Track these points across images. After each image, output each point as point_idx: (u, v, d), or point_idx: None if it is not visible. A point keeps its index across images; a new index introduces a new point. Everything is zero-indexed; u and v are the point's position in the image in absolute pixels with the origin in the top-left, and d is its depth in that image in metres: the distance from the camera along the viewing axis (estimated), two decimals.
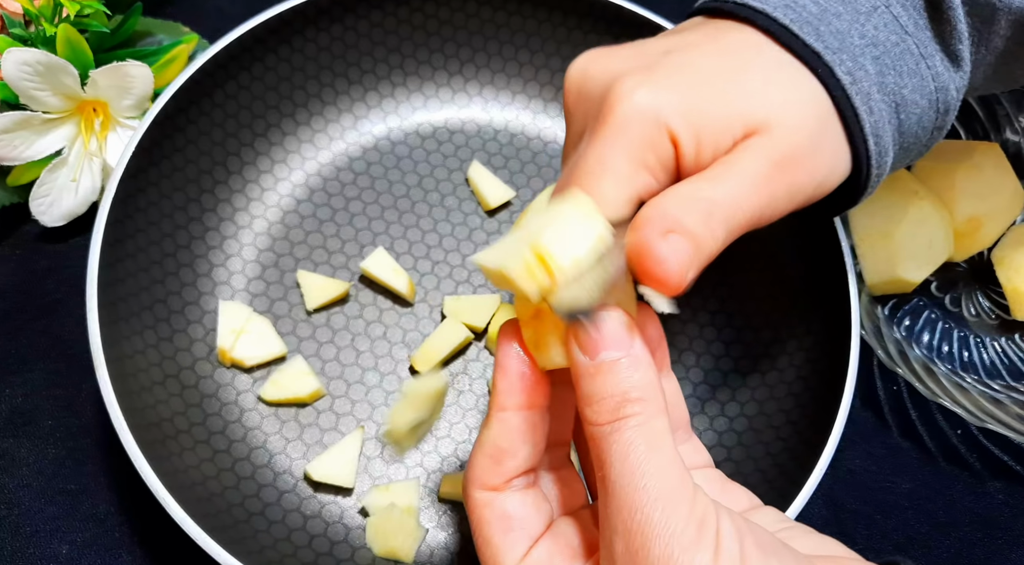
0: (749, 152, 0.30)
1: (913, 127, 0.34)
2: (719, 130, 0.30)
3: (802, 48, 0.32)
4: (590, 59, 0.33)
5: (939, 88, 0.34)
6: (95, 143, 0.48)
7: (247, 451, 0.43)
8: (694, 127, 0.29)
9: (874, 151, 0.32)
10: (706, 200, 0.28)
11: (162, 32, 0.53)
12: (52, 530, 0.43)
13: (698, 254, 0.27)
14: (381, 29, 0.50)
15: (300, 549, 0.41)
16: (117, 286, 0.42)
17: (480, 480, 0.29)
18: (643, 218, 0.28)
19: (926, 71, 0.33)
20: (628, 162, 0.29)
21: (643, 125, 0.29)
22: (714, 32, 0.33)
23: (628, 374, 0.27)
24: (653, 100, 0.29)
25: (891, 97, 0.33)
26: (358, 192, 0.50)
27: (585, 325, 0.27)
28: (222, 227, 0.48)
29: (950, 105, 0.35)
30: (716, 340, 0.48)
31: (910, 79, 0.33)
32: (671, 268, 0.26)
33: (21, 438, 0.45)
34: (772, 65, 0.32)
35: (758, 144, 0.30)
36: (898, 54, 0.33)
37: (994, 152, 0.50)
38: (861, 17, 0.33)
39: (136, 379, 0.40)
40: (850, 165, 0.33)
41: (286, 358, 0.46)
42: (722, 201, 0.28)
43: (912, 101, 0.33)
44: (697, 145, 0.30)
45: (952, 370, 0.49)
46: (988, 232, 0.50)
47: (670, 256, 0.26)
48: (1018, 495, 0.47)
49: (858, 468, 0.47)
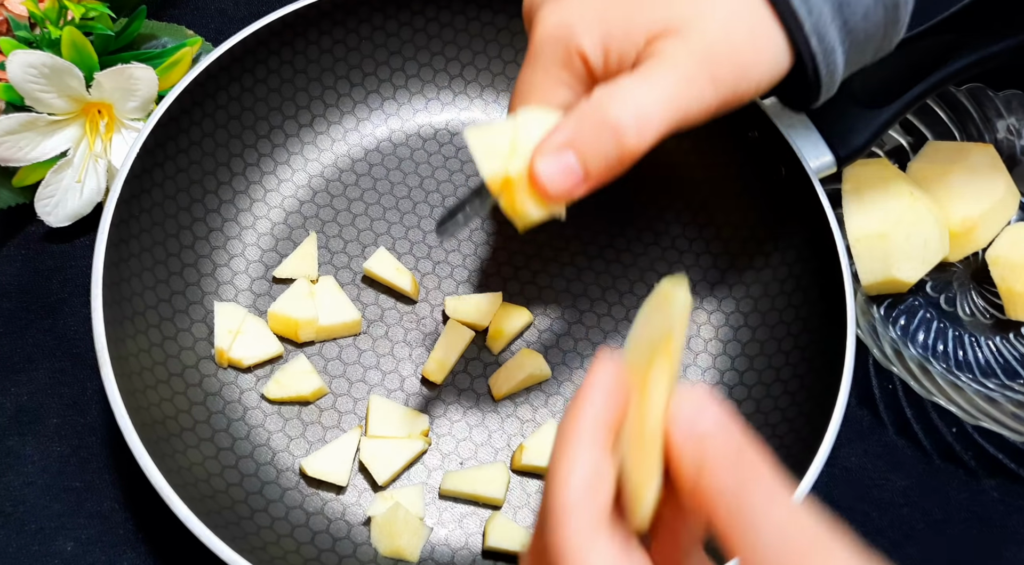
0: (664, 54, 0.32)
1: (861, 24, 0.35)
2: (624, 38, 0.33)
3: None
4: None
5: None
6: (100, 145, 0.49)
7: (250, 449, 0.44)
8: (600, 38, 0.33)
9: (818, 49, 0.34)
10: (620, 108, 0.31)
11: (166, 35, 0.53)
12: (57, 527, 0.43)
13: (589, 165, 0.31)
14: (383, 32, 0.51)
15: (303, 545, 0.41)
16: (121, 286, 0.42)
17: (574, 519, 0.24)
18: (541, 141, 0.32)
19: None
20: (546, 82, 0.34)
21: (554, 48, 0.34)
22: None
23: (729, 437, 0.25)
24: (561, 23, 0.34)
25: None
26: (360, 193, 0.51)
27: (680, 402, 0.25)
28: (225, 228, 0.48)
29: (898, 1, 0.35)
30: (713, 338, 0.48)
31: None
32: (550, 184, 0.31)
33: (26, 436, 0.45)
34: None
35: (670, 45, 0.32)
36: None
37: (988, 153, 0.51)
38: None
39: (140, 377, 0.41)
40: (789, 61, 0.35)
41: (283, 357, 0.46)
42: (637, 104, 0.31)
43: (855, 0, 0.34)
44: (604, 54, 0.33)
45: (947, 369, 0.49)
46: (983, 232, 0.50)
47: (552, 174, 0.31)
48: (1013, 492, 0.47)
49: (854, 466, 0.47)
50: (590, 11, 0.34)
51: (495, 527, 0.42)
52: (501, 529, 0.42)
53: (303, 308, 0.45)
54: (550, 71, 0.34)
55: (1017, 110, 0.53)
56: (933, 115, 0.53)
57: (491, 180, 0.32)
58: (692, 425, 0.24)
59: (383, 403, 0.45)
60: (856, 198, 0.49)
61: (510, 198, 0.32)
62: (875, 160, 0.51)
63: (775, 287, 0.47)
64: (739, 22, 0.33)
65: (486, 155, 0.32)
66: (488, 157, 0.32)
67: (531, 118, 0.33)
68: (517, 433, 0.45)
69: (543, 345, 0.47)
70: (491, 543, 0.42)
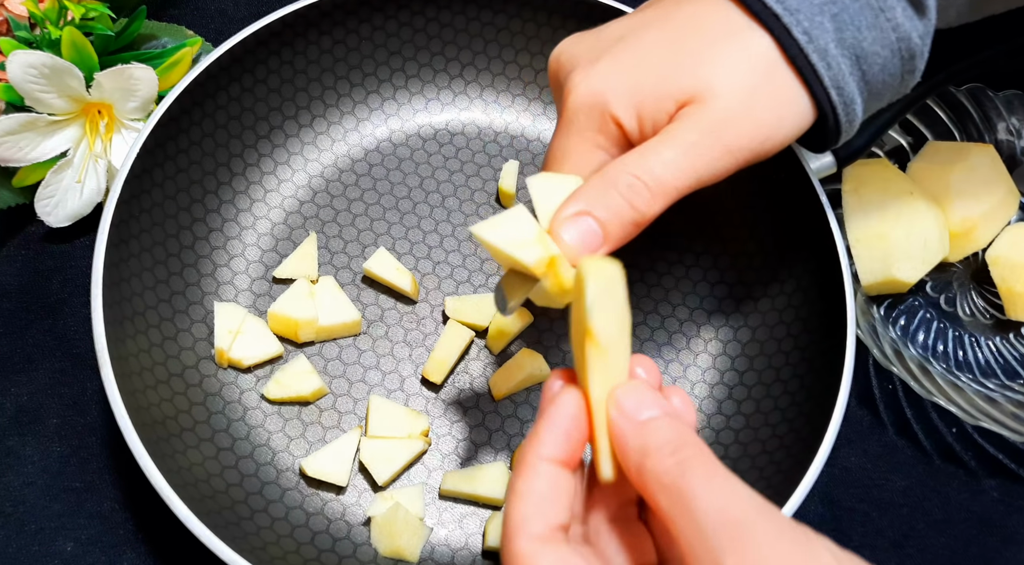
0: (683, 121, 0.34)
1: (879, 75, 0.36)
2: (655, 105, 0.34)
3: (762, 10, 0.34)
4: (563, 48, 0.38)
5: (900, 38, 0.36)
6: (100, 145, 0.49)
7: (250, 449, 0.44)
8: (634, 106, 0.34)
9: (838, 101, 0.35)
10: (629, 174, 0.33)
11: (166, 35, 0.53)
12: (57, 527, 0.43)
13: (610, 227, 0.32)
14: (383, 32, 0.51)
15: (303, 546, 0.41)
16: (121, 286, 0.42)
17: (526, 530, 0.28)
18: (560, 205, 0.32)
19: (885, 23, 0.35)
20: (581, 147, 0.35)
21: (588, 114, 0.35)
22: (671, 7, 0.36)
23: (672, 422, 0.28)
24: (594, 90, 0.35)
25: (851, 51, 0.35)
26: (360, 193, 0.51)
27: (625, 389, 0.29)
28: (225, 228, 0.48)
29: (915, 52, 0.36)
30: (714, 339, 0.48)
31: (869, 32, 0.35)
32: (573, 249, 0.32)
33: (26, 436, 0.45)
34: (720, 30, 0.35)
35: (691, 113, 0.34)
36: (856, 9, 0.35)
37: (988, 153, 0.51)
38: None
39: (140, 378, 0.41)
40: (811, 115, 0.36)
41: (283, 357, 0.46)
42: (649, 171, 0.33)
43: (873, 52, 0.35)
44: (639, 120, 0.34)
45: (947, 369, 0.49)
46: (983, 232, 0.50)
47: (573, 238, 0.32)
48: (1013, 493, 0.47)
49: (854, 466, 0.47)
50: (622, 79, 0.35)
51: (495, 527, 0.42)
52: (501, 530, 0.42)
53: (303, 308, 0.45)
54: (585, 136, 0.35)
55: (1017, 110, 0.53)
56: (933, 115, 0.53)
57: (537, 265, 0.31)
58: (635, 413, 0.28)
59: (383, 403, 0.45)
60: (856, 198, 0.49)
61: (556, 277, 0.31)
62: (875, 160, 0.51)
63: (775, 287, 0.47)
64: (762, 89, 0.34)
65: (517, 245, 0.31)
66: (521, 246, 0.31)
67: (547, 189, 0.33)
68: (517, 433, 0.45)
69: (543, 345, 0.47)
70: (491, 543, 0.42)
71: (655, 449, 0.27)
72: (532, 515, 0.28)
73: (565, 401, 0.29)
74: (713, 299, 0.49)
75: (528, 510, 0.28)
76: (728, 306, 0.49)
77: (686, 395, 0.31)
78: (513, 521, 0.28)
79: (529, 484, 0.28)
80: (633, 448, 0.28)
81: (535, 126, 0.53)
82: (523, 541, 0.27)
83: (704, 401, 0.47)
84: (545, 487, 0.28)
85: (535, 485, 0.28)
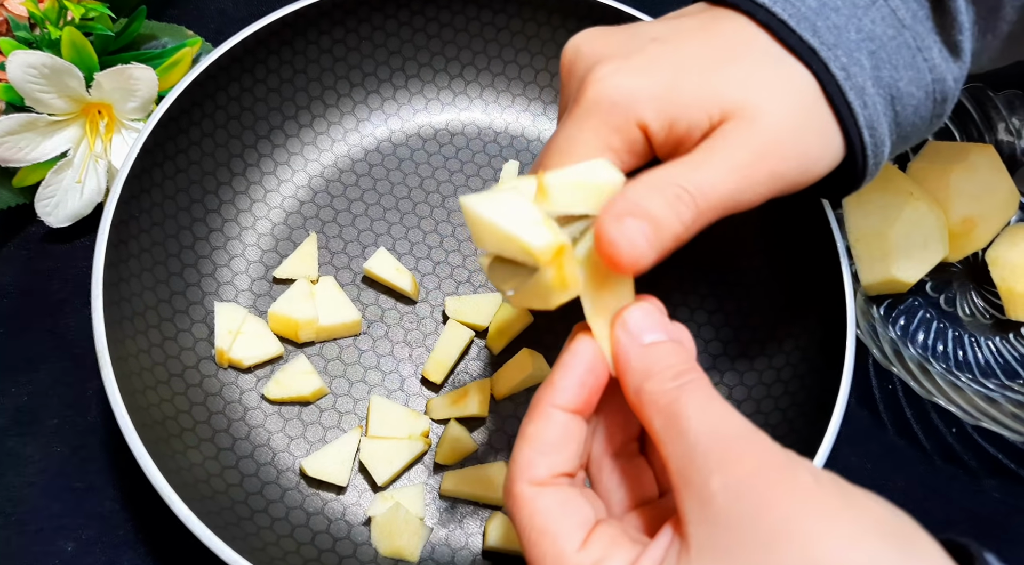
0: (730, 138, 0.31)
1: (910, 117, 0.35)
2: (693, 114, 0.31)
3: (798, 44, 0.32)
4: (584, 39, 0.35)
5: (936, 79, 0.34)
6: (100, 145, 0.49)
7: (250, 449, 0.44)
8: (666, 113, 0.31)
9: (869, 142, 0.33)
10: (677, 185, 0.29)
11: (166, 35, 0.53)
12: (57, 527, 0.43)
13: (658, 236, 0.28)
14: (383, 32, 0.51)
15: (303, 546, 0.41)
16: (121, 286, 0.42)
17: (528, 474, 0.28)
18: (608, 203, 0.29)
19: (922, 64, 0.34)
20: (592, 143, 0.32)
21: (610, 110, 0.31)
22: (709, 21, 0.34)
23: (676, 347, 0.29)
24: (624, 87, 0.31)
25: (886, 90, 0.33)
26: (360, 193, 0.51)
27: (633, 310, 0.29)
28: (225, 228, 0.48)
29: (947, 95, 0.35)
30: (713, 339, 0.48)
31: (906, 72, 0.34)
32: (621, 250, 0.27)
33: (27, 436, 0.45)
34: (761, 56, 0.33)
35: (738, 130, 0.31)
36: (894, 48, 0.33)
37: (988, 153, 0.51)
38: (859, 11, 0.33)
39: (141, 378, 0.41)
40: (842, 154, 0.34)
41: (283, 357, 0.46)
42: (697, 186, 0.30)
43: (908, 93, 0.34)
44: (669, 130, 0.31)
45: (947, 369, 0.49)
46: (982, 232, 0.50)
47: (621, 239, 0.27)
48: (1013, 493, 0.47)
49: (854, 466, 0.47)
50: (658, 80, 0.32)
51: (495, 527, 0.42)
52: (501, 529, 0.42)
53: (303, 308, 0.45)
54: (600, 133, 0.32)
55: (1017, 110, 0.53)
56: None
57: (544, 250, 0.27)
58: (641, 334, 0.28)
59: (383, 403, 0.45)
60: (856, 198, 0.49)
61: (560, 270, 0.28)
62: None
63: (775, 287, 0.47)
64: (807, 119, 0.32)
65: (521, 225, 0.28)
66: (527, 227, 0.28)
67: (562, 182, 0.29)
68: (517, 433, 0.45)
69: (543, 345, 0.47)
70: (491, 543, 0.42)
71: (657, 372, 0.27)
72: (537, 460, 0.28)
73: (581, 348, 0.29)
74: (713, 299, 0.49)
75: (533, 455, 0.28)
76: (728, 306, 0.49)
77: (686, 329, 0.30)
78: (518, 464, 0.28)
79: (539, 429, 0.28)
80: (636, 369, 0.28)
81: (535, 126, 0.53)
82: (523, 485, 0.28)
83: None
84: (555, 435, 0.28)
85: (545, 432, 0.28)
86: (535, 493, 0.28)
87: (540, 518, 0.27)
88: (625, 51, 0.33)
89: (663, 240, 0.29)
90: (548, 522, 0.27)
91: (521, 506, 0.28)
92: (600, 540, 0.27)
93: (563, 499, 0.28)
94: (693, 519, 0.25)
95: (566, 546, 0.27)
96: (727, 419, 0.26)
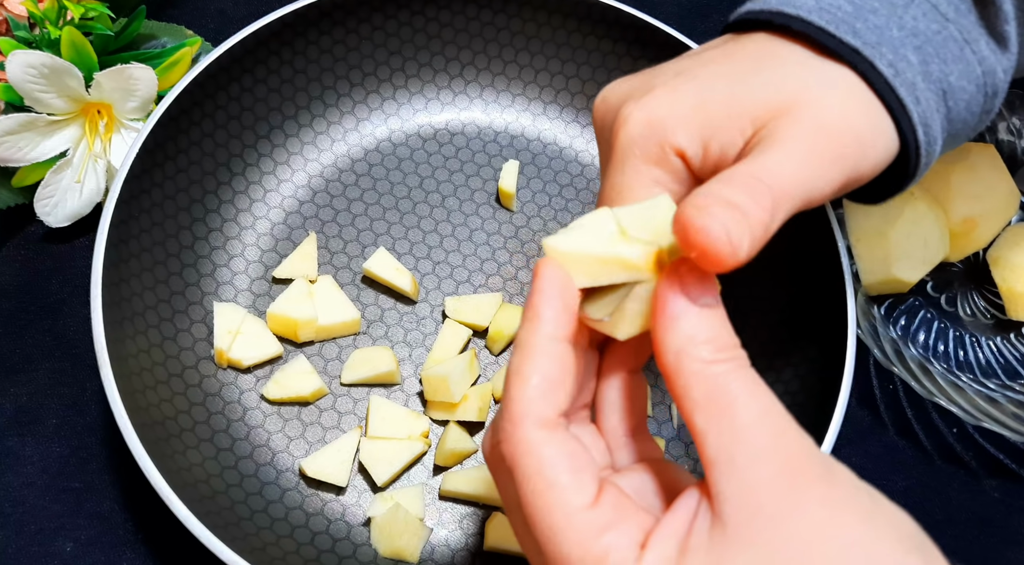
0: (781, 133, 0.29)
1: (962, 113, 0.34)
2: (728, 127, 0.30)
3: (839, 46, 0.31)
4: (609, 88, 0.34)
5: (986, 72, 0.34)
6: (99, 145, 0.49)
7: (250, 449, 0.44)
8: (699, 132, 0.30)
9: (923, 140, 0.32)
10: (749, 176, 0.27)
11: (166, 35, 0.53)
12: (56, 528, 0.43)
13: (748, 224, 0.26)
14: (383, 32, 0.51)
15: (303, 546, 0.41)
16: (121, 286, 0.42)
17: (534, 414, 0.26)
18: (685, 202, 0.26)
19: (971, 56, 0.33)
20: (637, 183, 0.31)
21: (645, 147, 0.31)
22: (733, 45, 0.33)
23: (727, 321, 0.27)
24: (651, 120, 0.31)
25: (937, 85, 0.32)
26: (360, 193, 0.51)
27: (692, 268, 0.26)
28: (225, 228, 0.48)
29: (999, 87, 0.34)
30: None
31: (955, 66, 0.33)
32: (713, 235, 0.25)
33: (26, 436, 0.45)
34: (795, 64, 0.31)
35: (785, 125, 0.29)
36: (940, 42, 0.33)
37: (989, 153, 0.51)
38: (898, 10, 0.32)
39: (140, 378, 0.41)
40: (896, 146, 0.32)
41: (283, 357, 0.46)
42: (769, 175, 0.28)
43: (959, 87, 0.33)
44: (705, 149, 0.31)
45: (948, 369, 0.49)
46: (983, 232, 0.50)
47: (712, 223, 0.25)
48: (1014, 493, 0.47)
49: (855, 466, 0.47)
50: (684, 102, 0.31)
51: (495, 527, 0.42)
52: (501, 529, 0.42)
53: (302, 308, 0.45)
54: (641, 172, 0.31)
55: (1018, 110, 0.53)
56: None
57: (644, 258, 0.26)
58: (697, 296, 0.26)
59: (383, 404, 0.45)
60: None
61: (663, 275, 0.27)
62: None
63: (776, 287, 0.47)
64: (854, 101, 0.31)
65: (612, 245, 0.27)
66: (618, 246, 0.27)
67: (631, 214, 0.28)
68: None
69: None
70: (491, 543, 0.42)
71: (706, 340, 0.26)
72: (539, 399, 0.26)
73: (550, 274, 0.27)
74: None
75: (536, 393, 0.26)
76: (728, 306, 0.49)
77: None
78: (520, 405, 0.26)
79: (537, 364, 0.26)
80: (683, 331, 0.26)
81: (535, 126, 0.53)
82: (530, 428, 0.26)
83: None
84: (555, 368, 0.26)
85: (545, 366, 0.26)
86: (543, 438, 0.25)
87: (549, 469, 0.25)
88: (649, 87, 0.32)
89: (754, 229, 0.26)
90: (558, 474, 0.25)
91: (526, 452, 0.25)
92: (609, 501, 0.25)
93: (572, 451, 0.26)
94: (731, 499, 0.24)
95: (576, 501, 0.25)
96: (776, 408, 0.25)
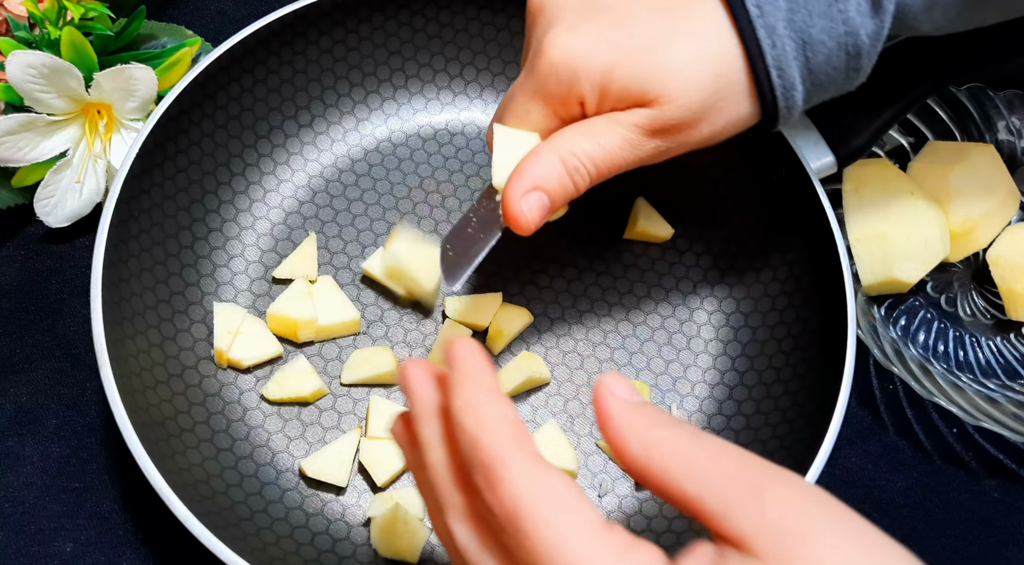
0: (631, 117, 0.36)
1: (822, 66, 0.36)
2: (618, 97, 0.36)
3: None
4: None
5: (849, 32, 0.36)
6: (99, 145, 0.49)
7: (249, 449, 0.44)
8: (599, 90, 0.36)
9: (778, 83, 0.36)
10: (574, 157, 0.36)
11: (166, 35, 0.53)
12: (56, 528, 0.43)
13: (553, 204, 0.36)
14: (383, 32, 0.51)
15: (303, 546, 0.41)
16: (121, 286, 0.42)
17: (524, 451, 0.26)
18: (514, 175, 0.36)
19: (837, 14, 0.35)
20: (542, 112, 0.37)
21: (557, 85, 0.36)
22: None
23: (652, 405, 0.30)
24: (569, 61, 0.35)
25: (798, 34, 0.35)
26: (360, 193, 0.51)
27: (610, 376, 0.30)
28: (225, 228, 0.48)
29: (861, 50, 0.36)
30: (714, 339, 0.48)
31: (819, 20, 0.35)
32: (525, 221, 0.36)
33: (26, 436, 0.45)
34: (700, 24, 0.35)
35: (641, 113, 0.36)
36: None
37: (989, 153, 0.51)
38: None
39: (140, 378, 0.41)
40: (757, 111, 0.37)
41: (283, 357, 0.46)
42: (593, 154, 0.36)
43: (819, 41, 0.35)
44: (598, 105, 0.36)
45: (948, 369, 0.49)
46: (983, 232, 0.50)
47: (526, 213, 0.36)
48: (1014, 493, 0.47)
49: (854, 466, 0.47)
50: (601, 57, 0.35)
51: None
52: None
53: (302, 308, 0.45)
54: (549, 104, 0.37)
55: (1017, 110, 0.53)
56: (933, 115, 0.53)
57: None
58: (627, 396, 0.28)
59: (383, 404, 0.45)
60: (856, 198, 0.49)
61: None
62: (875, 160, 0.51)
63: (776, 287, 0.47)
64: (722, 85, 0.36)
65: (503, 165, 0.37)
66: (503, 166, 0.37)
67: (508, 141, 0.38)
68: None
69: (543, 346, 0.47)
70: None
71: (659, 422, 0.27)
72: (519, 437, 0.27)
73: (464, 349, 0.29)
74: (714, 299, 0.49)
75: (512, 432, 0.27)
76: (728, 306, 0.49)
77: None
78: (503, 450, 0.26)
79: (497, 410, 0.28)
80: (637, 425, 0.27)
81: None
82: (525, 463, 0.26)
83: (705, 401, 0.47)
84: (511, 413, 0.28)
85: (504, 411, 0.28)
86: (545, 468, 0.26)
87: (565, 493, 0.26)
88: (576, 18, 0.36)
89: (558, 203, 0.37)
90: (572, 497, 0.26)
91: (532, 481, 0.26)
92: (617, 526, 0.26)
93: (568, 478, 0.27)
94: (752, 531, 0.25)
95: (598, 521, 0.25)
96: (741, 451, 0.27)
